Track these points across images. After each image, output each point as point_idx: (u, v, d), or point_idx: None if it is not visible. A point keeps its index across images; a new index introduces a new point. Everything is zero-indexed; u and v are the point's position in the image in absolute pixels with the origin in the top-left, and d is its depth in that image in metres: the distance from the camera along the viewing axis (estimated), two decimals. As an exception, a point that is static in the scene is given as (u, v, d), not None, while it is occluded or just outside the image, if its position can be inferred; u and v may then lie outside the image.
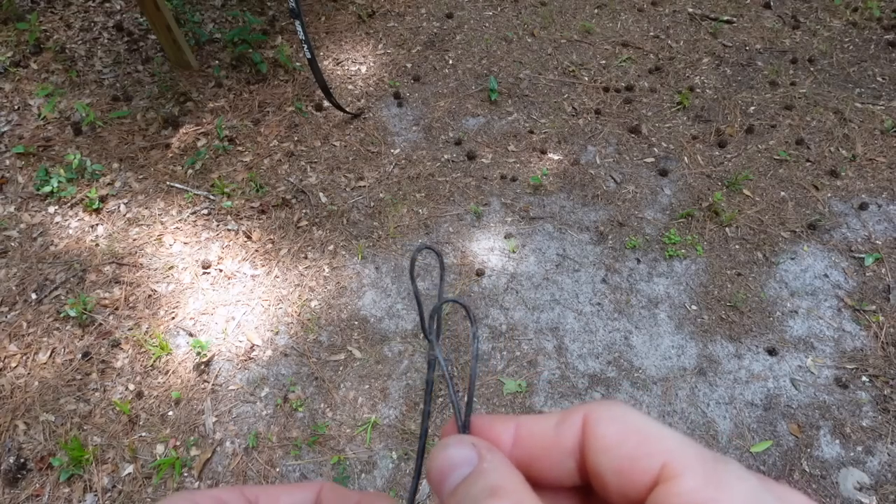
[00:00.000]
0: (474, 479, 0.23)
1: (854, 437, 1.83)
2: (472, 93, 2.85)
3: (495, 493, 0.22)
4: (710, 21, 3.18)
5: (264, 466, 1.80)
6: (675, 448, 0.21)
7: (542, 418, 0.25)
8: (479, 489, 0.22)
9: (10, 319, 2.10)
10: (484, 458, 0.23)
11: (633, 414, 0.23)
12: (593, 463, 0.22)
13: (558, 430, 0.24)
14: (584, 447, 0.23)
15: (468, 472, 0.23)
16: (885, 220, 2.34)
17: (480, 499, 0.22)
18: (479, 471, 0.23)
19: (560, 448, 0.24)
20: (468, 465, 0.23)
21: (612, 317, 2.11)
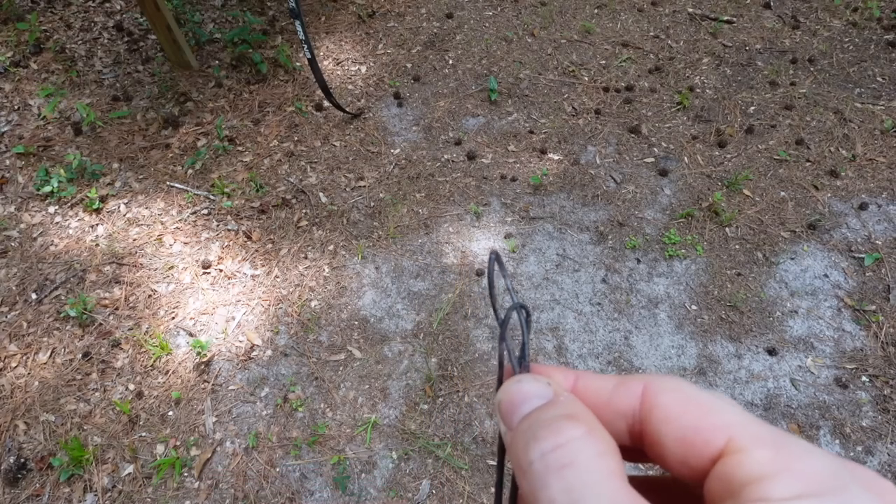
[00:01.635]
0: (550, 407, 0.23)
1: (854, 437, 1.83)
2: (472, 93, 2.85)
3: (573, 417, 0.22)
4: (710, 21, 3.18)
5: (264, 466, 1.80)
6: (740, 422, 0.21)
7: (601, 378, 0.25)
8: (554, 414, 0.23)
9: (10, 319, 2.10)
10: (559, 394, 0.24)
11: (694, 387, 0.23)
12: (654, 431, 0.23)
13: (616, 392, 0.24)
14: (644, 414, 0.23)
15: (542, 403, 0.24)
16: (885, 220, 2.34)
17: (555, 421, 0.22)
18: (555, 401, 0.24)
19: (615, 409, 0.24)
20: (542, 398, 0.24)
21: (612, 317, 2.11)
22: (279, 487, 1.77)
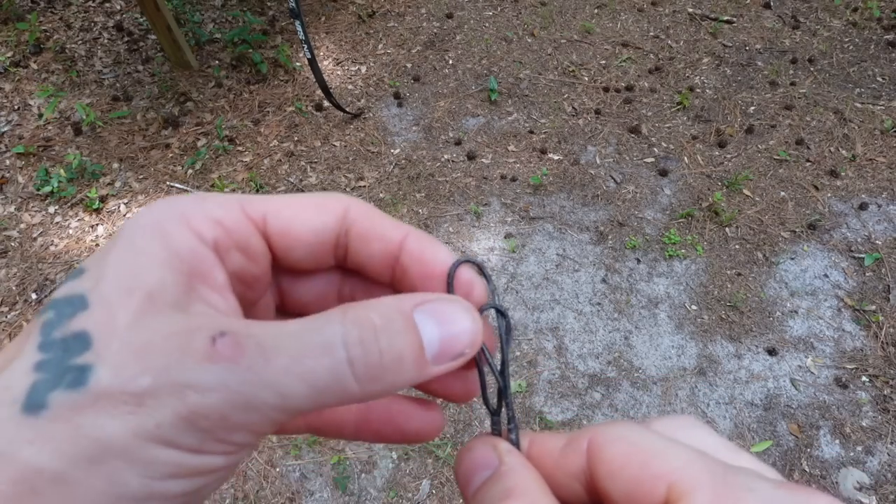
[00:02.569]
0: (493, 481, 0.23)
1: (854, 437, 1.83)
2: (472, 93, 2.85)
3: (510, 495, 0.22)
4: (710, 21, 3.18)
5: (264, 466, 1.80)
6: (681, 466, 0.20)
7: (552, 438, 0.25)
8: (496, 491, 0.22)
9: (10, 319, 2.10)
10: (503, 461, 0.23)
11: (639, 432, 0.22)
12: (602, 488, 0.22)
13: (564, 453, 0.23)
14: (592, 472, 0.22)
15: (489, 474, 0.23)
16: (885, 220, 2.34)
17: (496, 501, 0.22)
18: (498, 473, 0.23)
19: (566, 472, 0.23)
20: (489, 468, 0.24)
21: (612, 317, 2.11)
22: (279, 487, 1.77)
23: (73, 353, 0.18)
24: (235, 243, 0.23)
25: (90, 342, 0.18)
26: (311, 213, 0.24)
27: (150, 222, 0.21)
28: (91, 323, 0.18)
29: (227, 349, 0.18)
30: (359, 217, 0.25)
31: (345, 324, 0.20)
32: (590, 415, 1.89)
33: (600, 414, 1.89)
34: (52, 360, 0.18)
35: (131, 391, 0.17)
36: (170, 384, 0.18)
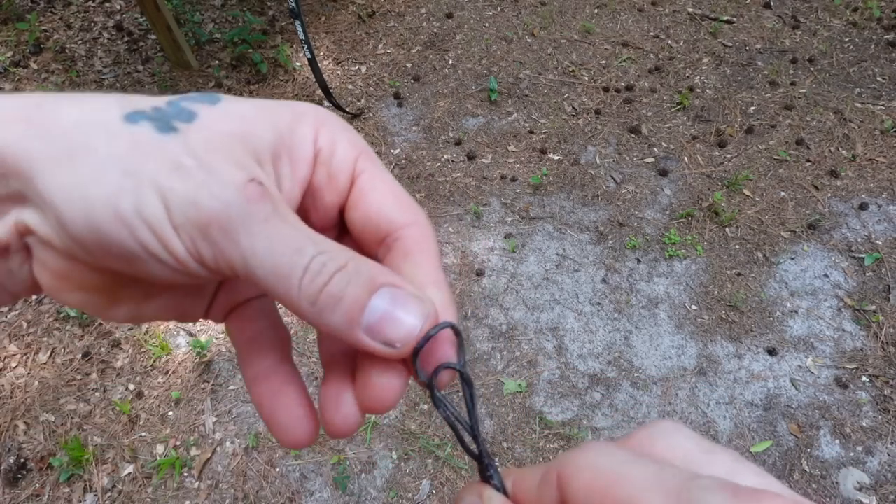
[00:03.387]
0: None
1: (854, 437, 1.83)
2: (472, 93, 2.85)
3: None
4: (710, 21, 3.18)
5: (264, 466, 1.80)
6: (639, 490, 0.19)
7: (531, 474, 0.24)
8: None
9: (10, 319, 2.10)
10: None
11: (606, 456, 0.21)
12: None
13: (540, 490, 0.23)
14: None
15: None
16: (885, 220, 2.34)
17: None
18: None
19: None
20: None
21: (612, 317, 2.11)
22: (279, 487, 1.77)
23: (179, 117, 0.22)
24: (331, 166, 0.26)
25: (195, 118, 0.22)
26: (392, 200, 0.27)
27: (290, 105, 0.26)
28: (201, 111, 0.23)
29: (251, 191, 0.21)
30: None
31: (330, 251, 0.22)
32: (590, 415, 1.89)
33: (600, 414, 1.89)
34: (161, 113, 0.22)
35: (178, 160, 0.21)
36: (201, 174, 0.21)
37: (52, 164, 0.20)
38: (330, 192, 0.26)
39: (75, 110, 0.21)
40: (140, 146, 0.21)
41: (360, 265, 0.23)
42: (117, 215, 0.20)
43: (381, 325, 0.23)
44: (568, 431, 1.86)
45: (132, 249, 0.21)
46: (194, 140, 0.22)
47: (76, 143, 0.20)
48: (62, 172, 0.20)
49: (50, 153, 0.20)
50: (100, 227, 0.20)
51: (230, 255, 0.21)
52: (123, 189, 0.20)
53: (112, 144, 0.20)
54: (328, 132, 0.26)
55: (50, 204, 0.20)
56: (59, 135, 0.20)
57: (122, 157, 0.20)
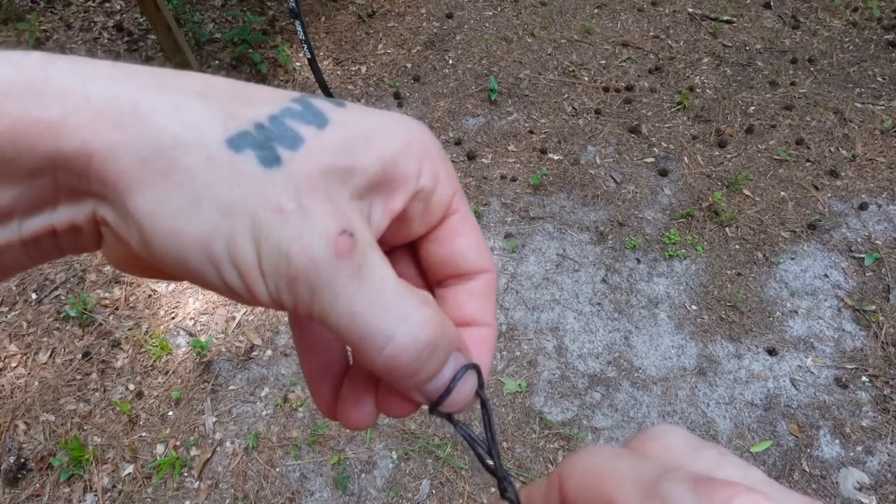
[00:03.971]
0: None
1: (854, 437, 1.83)
2: (472, 93, 2.85)
3: None
4: (710, 21, 3.18)
5: (264, 466, 1.80)
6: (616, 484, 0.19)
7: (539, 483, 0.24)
8: None
9: (10, 319, 2.10)
10: None
11: (596, 455, 0.21)
12: None
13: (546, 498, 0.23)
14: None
15: None
16: (885, 220, 2.34)
17: None
18: None
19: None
20: None
21: (612, 317, 2.11)
22: (279, 487, 1.77)
23: (284, 143, 0.21)
24: (431, 203, 0.26)
25: (300, 145, 0.21)
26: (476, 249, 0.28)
27: (404, 128, 0.25)
28: (307, 136, 0.22)
29: (341, 245, 0.21)
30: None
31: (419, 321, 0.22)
32: (590, 415, 1.89)
33: (600, 414, 1.89)
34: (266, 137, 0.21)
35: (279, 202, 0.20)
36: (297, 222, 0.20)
37: (145, 185, 0.19)
38: (420, 224, 0.27)
39: (175, 122, 0.20)
40: (241, 181, 0.20)
41: (447, 330, 0.23)
42: (208, 255, 0.20)
43: (437, 391, 0.24)
44: (568, 431, 1.86)
45: (214, 283, 0.21)
46: (297, 175, 0.21)
47: (173, 166, 0.19)
48: (155, 196, 0.19)
49: (144, 173, 0.19)
50: (187, 260, 0.20)
51: (311, 306, 0.21)
52: (218, 230, 0.20)
53: (212, 175, 0.19)
54: (431, 166, 0.25)
55: (137, 223, 0.20)
56: (156, 153, 0.19)
57: (220, 193, 0.19)
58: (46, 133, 0.19)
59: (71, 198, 0.21)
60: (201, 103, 0.20)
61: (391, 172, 0.24)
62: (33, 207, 0.20)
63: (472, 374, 0.24)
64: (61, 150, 0.19)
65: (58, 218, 0.21)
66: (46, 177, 0.20)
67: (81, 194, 0.21)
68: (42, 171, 0.19)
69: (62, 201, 0.21)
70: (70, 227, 0.21)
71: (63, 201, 0.21)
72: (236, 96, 0.22)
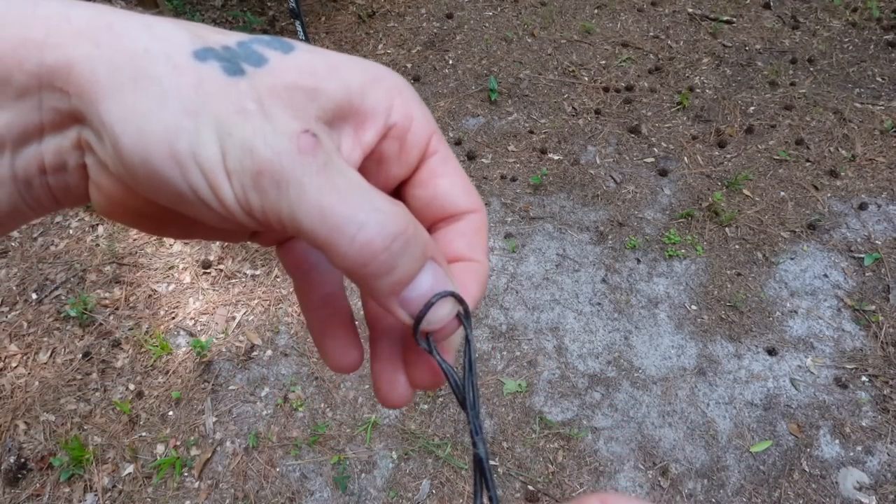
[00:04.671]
0: None
1: (854, 437, 1.84)
2: (472, 93, 2.86)
3: None
4: (709, 21, 3.18)
5: (264, 466, 1.80)
6: None
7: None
8: None
9: (10, 319, 2.10)
10: None
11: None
12: None
13: None
14: None
15: None
16: (885, 220, 2.34)
17: None
18: None
19: None
20: None
21: (612, 317, 2.11)
22: (279, 487, 1.77)
23: (249, 60, 0.22)
24: (405, 142, 0.26)
25: (265, 63, 0.22)
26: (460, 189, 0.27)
27: (372, 67, 0.25)
28: (272, 57, 0.22)
29: (304, 141, 0.21)
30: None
31: (390, 210, 0.22)
32: (590, 415, 1.89)
33: (600, 414, 1.90)
34: (232, 53, 0.22)
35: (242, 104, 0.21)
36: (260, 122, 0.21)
37: (115, 91, 0.20)
38: (398, 165, 0.26)
39: (146, 36, 0.21)
40: (205, 85, 0.20)
41: (419, 231, 0.23)
42: (172, 154, 0.20)
43: (418, 302, 0.23)
44: (568, 431, 1.86)
45: (181, 190, 0.21)
46: (260, 85, 0.21)
47: (142, 72, 0.20)
48: (124, 100, 0.20)
49: (115, 79, 0.20)
50: (153, 162, 0.20)
51: (278, 206, 0.21)
52: (182, 128, 0.20)
53: (177, 80, 0.20)
54: (403, 103, 0.25)
55: (108, 130, 0.20)
56: (127, 61, 0.20)
57: (185, 95, 0.20)
58: (33, 49, 0.20)
59: (55, 127, 0.22)
60: (172, 25, 0.22)
61: (358, 103, 0.24)
62: (22, 138, 0.21)
63: (450, 299, 0.24)
64: (45, 64, 0.20)
65: (45, 149, 0.22)
66: (32, 98, 0.21)
67: (65, 121, 0.22)
68: (29, 91, 0.21)
69: (47, 131, 0.22)
70: (57, 162, 0.22)
71: (48, 131, 0.22)
72: (209, 29, 0.23)
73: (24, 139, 0.21)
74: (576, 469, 1.80)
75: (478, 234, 0.28)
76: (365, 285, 0.23)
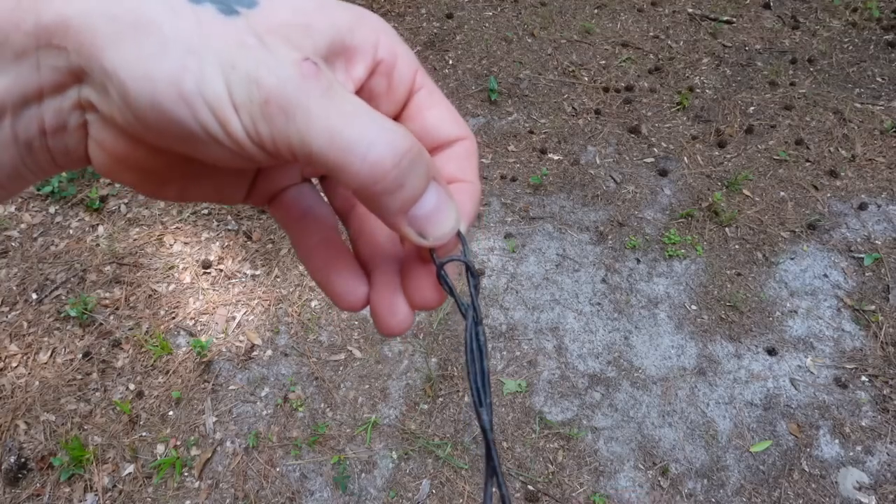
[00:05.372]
0: None
1: (853, 437, 1.84)
2: (472, 93, 2.86)
3: None
4: (709, 21, 3.18)
5: (264, 466, 1.80)
6: None
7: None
8: None
9: (10, 319, 2.10)
10: None
11: None
12: None
13: None
14: None
15: None
16: (885, 220, 2.34)
17: None
18: None
19: None
20: None
21: (612, 317, 2.11)
22: (279, 487, 1.77)
23: (241, 2, 0.22)
24: (391, 77, 0.27)
25: (257, 5, 0.23)
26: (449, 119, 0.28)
27: (357, 9, 0.26)
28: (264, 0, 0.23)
29: (306, 68, 0.22)
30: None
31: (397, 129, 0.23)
32: (589, 414, 1.89)
33: (600, 414, 1.90)
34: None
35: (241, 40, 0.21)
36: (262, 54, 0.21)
37: (116, 40, 0.20)
38: (387, 101, 0.27)
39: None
40: (204, 25, 0.21)
41: (423, 150, 0.23)
42: (180, 94, 0.20)
43: (425, 219, 0.24)
44: (568, 431, 1.86)
45: (192, 129, 0.21)
46: (255, 23, 0.22)
47: (141, 19, 0.20)
48: (127, 48, 0.20)
49: (115, 29, 0.20)
50: (162, 104, 0.20)
51: (288, 132, 0.21)
52: (187, 67, 0.20)
53: (177, 23, 0.21)
54: (389, 42, 0.26)
55: (114, 79, 0.20)
56: (124, 11, 0.20)
57: (186, 36, 0.21)
58: (29, 10, 0.20)
59: (55, 89, 0.22)
60: None
61: (348, 39, 0.25)
62: (22, 100, 0.22)
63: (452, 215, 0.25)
64: (42, 23, 0.20)
65: (45, 111, 0.22)
66: (30, 59, 0.21)
67: (65, 81, 0.22)
68: (27, 53, 0.21)
69: (47, 93, 0.22)
70: (57, 123, 0.23)
71: (48, 93, 0.22)
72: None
73: (24, 102, 0.22)
74: (576, 469, 1.80)
75: (468, 158, 0.29)
76: (375, 204, 0.23)
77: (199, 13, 0.21)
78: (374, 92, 0.27)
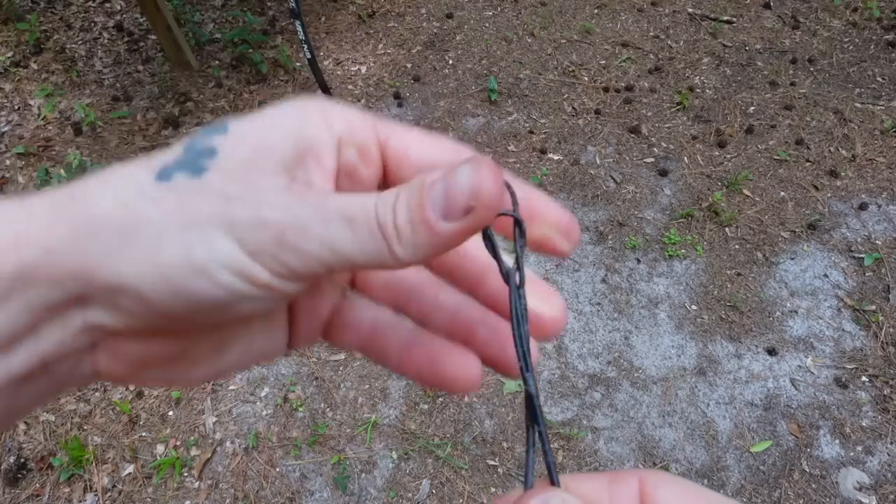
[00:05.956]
0: None
1: (854, 437, 1.84)
2: (472, 93, 2.86)
3: None
4: (710, 21, 3.18)
5: (264, 466, 1.80)
6: None
7: (592, 479, 0.25)
8: None
9: (10, 319, 2.10)
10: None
11: (689, 482, 0.23)
12: None
13: (614, 493, 0.24)
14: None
15: None
16: (885, 220, 2.34)
17: None
18: None
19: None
20: None
21: (612, 317, 2.11)
22: (279, 487, 1.77)
23: (202, 157, 0.22)
24: (357, 143, 0.26)
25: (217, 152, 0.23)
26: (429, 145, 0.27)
27: (291, 107, 0.25)
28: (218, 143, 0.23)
29: (297, 189, 0.22)
30: None
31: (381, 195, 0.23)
32: (589, 415, 1.89)
33: (600, 414, 1.89)
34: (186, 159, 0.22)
35: (226, 192, 0.21)
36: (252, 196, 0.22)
37: (110, 253, 0.20)
38: (366, 166, 0.27)
39: (109, 191, 0.21)
40: (184, 197, 0.21)
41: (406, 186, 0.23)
42: (194, 269, 0.20)
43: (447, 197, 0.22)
44: (568, 431, 1.86)
45: (217, 295, 0.21)
46: (227, 170, 0.22)
47: (125, 223, 0.20)
48: (124, 256, 0.20)
49: (104, 245, 0.20)
50: (182, 286, 0.20)
51: (314, 250, 0.21)
52: (190, 242, 0.20)
53: (159, 208, 0.21)
54: (338, 116, 0.26)
55: (126, 290, 0.20)
56: (105, 224, 0.20)
57: (174, 218, 0.20)
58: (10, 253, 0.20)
59: (53, 318, 0.21)
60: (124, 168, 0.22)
61: (307, 139, 0.25)
62: (11, 337, 0.20)
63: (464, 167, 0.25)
64: (23, 263, 0.20)
65: (44, 344, 0.21)
66: (18, 298, 0.20)
67: (63, 308, 0.21)
68: (13, 292, 0.20)
69: (43, 324, 0.21)
70: (60, 352, 0.22)
71: (44, 324, 0.21)
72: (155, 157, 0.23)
73: (13, 339, 0.21)
74: (576, 469, 1.80)
75: None
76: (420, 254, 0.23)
77: (174, 188, 0.21)
78: (350, 166, 0.26)
